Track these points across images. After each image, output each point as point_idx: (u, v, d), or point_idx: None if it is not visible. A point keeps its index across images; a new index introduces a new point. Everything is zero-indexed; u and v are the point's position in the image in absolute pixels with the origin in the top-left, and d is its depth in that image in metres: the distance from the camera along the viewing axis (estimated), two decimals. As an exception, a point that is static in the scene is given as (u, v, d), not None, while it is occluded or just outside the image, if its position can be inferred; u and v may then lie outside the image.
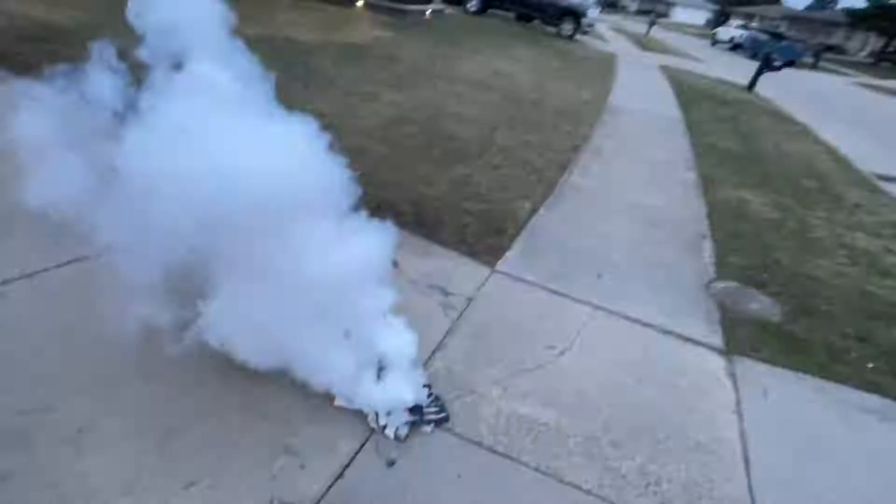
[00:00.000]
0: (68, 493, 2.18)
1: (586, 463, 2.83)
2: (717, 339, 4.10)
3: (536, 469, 2.74)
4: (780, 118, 15.00)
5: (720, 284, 4.94)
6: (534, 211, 5.76)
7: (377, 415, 2.81)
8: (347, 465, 2.58)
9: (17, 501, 2.11)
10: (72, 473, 2.25)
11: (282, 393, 2.88)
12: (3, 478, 2.17)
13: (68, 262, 3.44)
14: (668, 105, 13.65)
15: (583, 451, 2.90)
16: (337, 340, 2.85)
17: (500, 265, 4.57)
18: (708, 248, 5.69)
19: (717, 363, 3.84)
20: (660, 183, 7.49)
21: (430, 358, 3.37)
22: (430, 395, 3.02)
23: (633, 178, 7.50)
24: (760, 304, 4.72)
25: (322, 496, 2.41)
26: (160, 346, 2.95)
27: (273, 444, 2.59)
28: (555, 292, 4.33)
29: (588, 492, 2.67)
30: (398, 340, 3.05)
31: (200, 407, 2.69)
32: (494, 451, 2.80)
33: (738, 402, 3.49)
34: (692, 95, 15.52)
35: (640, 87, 15.83)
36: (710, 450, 3.07)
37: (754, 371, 3.82)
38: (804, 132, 13.52)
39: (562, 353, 3.65)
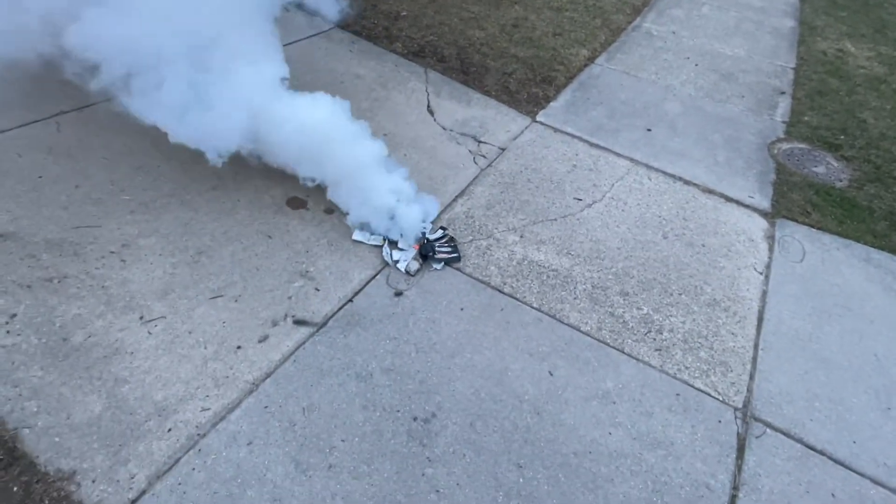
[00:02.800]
0: (113, 294, 2.52)
1: (590, 308, 2.91)
2: (765, 201, 3.86)
3: (539, 309, 2.85)
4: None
5: (786, 145, 4.53)
6: (591, 59, 5.34)
7: (391, 250, 2.96)
8: (358, 292, 2.78)
9: (73, 296, 2.47)
10: (116, 280, 2.58)
11: (305, 226, 3.06)
12: (61, 279, 2.53)
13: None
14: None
15: (589, 297, 2.96)
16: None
17: (542, 115, 4.38)
18: (784, 105, 5.13)
19: (758, 225, 3.65)
20: (748, 31, 6.63)
21: (451, 203, 3.42)
22: (444, 235, 3.11)
23: (718, 24, 6.67)
24: (827, 168, 4.33)
25: (332, 315, 2.65)
26: (198, 176, 3.17)
27: (292, 269, 2.82)
28: (595, 145, 4.15)
29: (585, 333, 2.77)
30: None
31: (230, 232, 2.93)
32: (500, 291, 2.91)
33: (769, 264, 3.36)
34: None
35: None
36: (725, 307, 3.04)
37: (797, 234, 3.61)
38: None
39: (589, 205, 3.59)
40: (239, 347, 2.43)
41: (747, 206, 3.79)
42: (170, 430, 2.12)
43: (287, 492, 2.01)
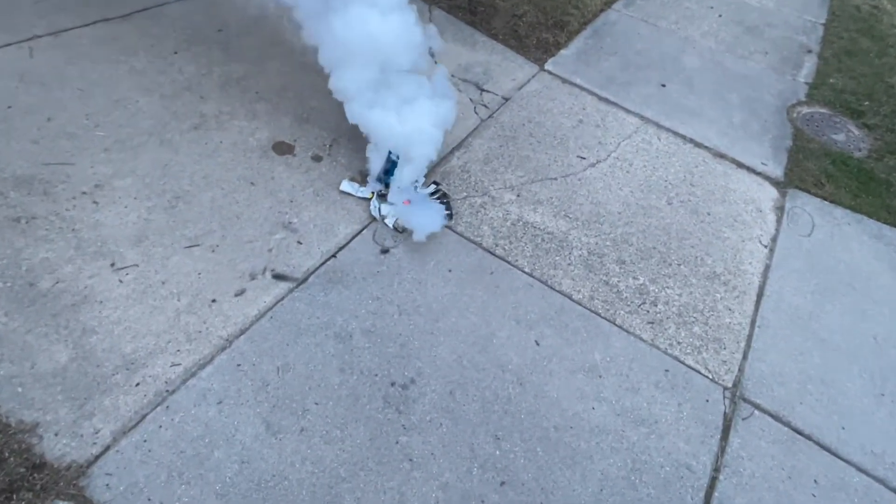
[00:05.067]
0: (84, 238, 2.40)
1: (584, 275, 2.79)
2: (778, 169, 3.67)
3: (530, 274, 2.73)
4: None
5: (806, 109, 4.29)
6: (608, 3, 5.00)
7: (379, 203, 2.82)
8: (343, 247, 2.66)
9: (42, 239, 2.35)
10: (88, 223, 2.46)
11: (291, 173, 2.91)
12: (28, 219, 2.40)
13: (94, 22, 3.39)
14: None
15: (584, 264, 2.84)
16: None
17: (550, 64, 4.12)
18: (809, 65, 4.83)
19: (768, 194, 3.48)
20: (778, -20, 6.19)
21: (447, 155, 3.24)
22: (436, 191, 2.96)
23: (747, -29, 6.22)
24: (847, 136, 4.10)
25: (313, 271, 2.53)
26: (179, 112, 2.99)
27: (275, 219, 2.68)
28: (604, 100, 3.92)
29: (577, 302, 2.66)
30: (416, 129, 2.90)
31: (211, 176, 2.77)
32: (492, 253, 2.79)
33: (775, 237, 3.22)
34: None
35: None
36: (724, 280, 2.92)
37: (808, 207, 3.45)
38: None
39: (593, 164, 3.41)
40: (214, 301, 2.33)
41: (759, 174, 3.60)
42: (138, 384, 2.05)
43: (256, 454, 1.96)
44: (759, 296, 2.89)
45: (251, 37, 3.63)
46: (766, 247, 3.15)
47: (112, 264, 2.35)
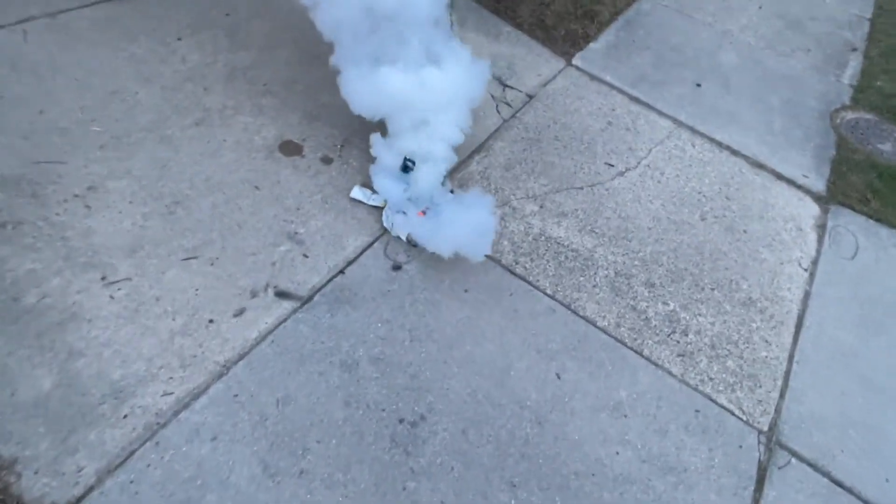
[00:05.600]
0: (74, 248, 2.22)
1: (610, 299, 2.59)
2: (820, 183, 3.41)
3: (552, 297, 2.54)
4: None
5: (851, 114, 4.00)
6: (641, -8, 4.68)
7: (392, 214, 2.61)
8: (351, 262, 2.47)
9: (29, 248, 2.18)
10: (79, 230, 2.28)
11: (298, 177, 2.71)
12: (15, 224, 2.23)
13: (94, 3, 3.17)
14: None
15: (610, 286, 2.64)
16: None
17: (578, 58, 3.86)
18: (854, 64, 4.52)
19: (809, 211, 3.24)
20: (823, -31, 5.81)
21: (466, 159, 3.02)
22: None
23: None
24: (894, 146, 3.82)
25: (319, 289, 2.35)
26: (181, 106, 2.79)
27: (279, 229, 2.50)
28: (635, 99, 3.66)
29: (602, 329, 2.47)
30: (435, 137, 2.68)
31: (212, 179, 2.58)
32: (511, 272, 2.59)
33: (816, 259, 2.99)
34: None
35: None
36: (761, 308, 2.71)
37: (852, 225, 3.20)
38: None
39: (622, 173, 3.18)
40: (211, 321, 2.16)
41: (800, 187, 3.35)
42: (126, 416, 1.89)
43: (251, 498, 1.81)
44: (798, 327, 2.68)
45: (261, 20, 3.39)
46: (805, 270, 2.93)
47: (103, 277, 2.18)
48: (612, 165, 3.20)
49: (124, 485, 1.76)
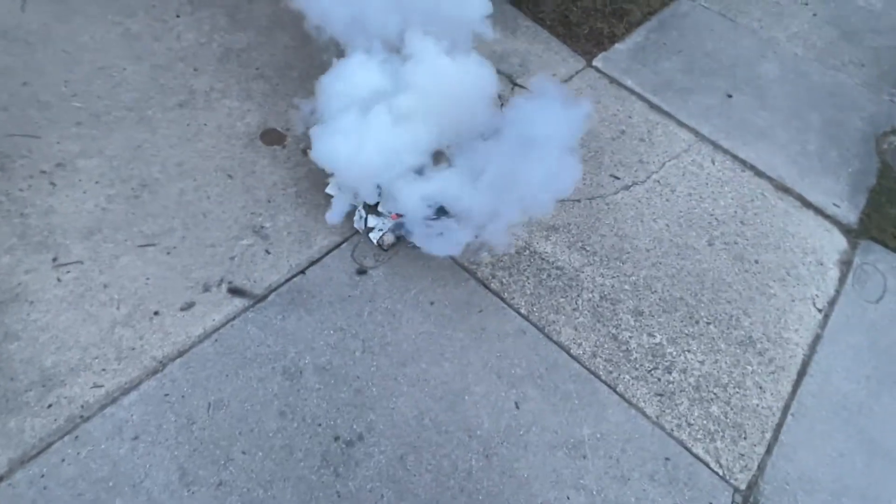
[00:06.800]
0: (31, 225, 2.19)
1: (590, 325, 2.39)
2: (853, 214, 3.09)
3: (526, 317, 2.36)
4: None
5: (901, 139, 3.61)
6: (681, -9, 4.36)
7: (366, 214, 2.48)
8: (315, 262, 2.35)
9: (-14, 222, 2.15)
10: (40, 208, 2.24)
11: (275, 167, 2.60)
12: (-24, 197, 2.20)
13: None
14: None
15: (592, 310, 2.43)
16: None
17: (599, 60, 3.61)
18: (914, 83, 4.09)
19: (835, 244, 2.93)
20: (894, -25, 5.30)
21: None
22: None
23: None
24: (947, 178, 3.43)
25: (275, 289, 2.25)
26: (167, 86, 2.72)
27: (245, 221, 2.40)
28: (655, 107, 3.39)
29: (574, 358, 2.28)
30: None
31: (186, 164, 2.50)
32: (486, 286, 2.42)
33: (834, 299, 2.70)
34: None
35: None
36: (761, 349, 2.46)
37: (882, 264, 2.88)
38: None
39: (627, 187, 2.94)
40: (156, 313, 2.08)
41: (828, 217, 3.04)
42: (50, 405, 1.83)
43: (162, 507, 1.72)
44: (801, 374, 2.42)
45: (265, 0, 3.29)
46: (820, 311, 2.64)
47: (54, 259, 2.13)
48: (618, 178, 2.97)
49: (34, 478, 1.71)
